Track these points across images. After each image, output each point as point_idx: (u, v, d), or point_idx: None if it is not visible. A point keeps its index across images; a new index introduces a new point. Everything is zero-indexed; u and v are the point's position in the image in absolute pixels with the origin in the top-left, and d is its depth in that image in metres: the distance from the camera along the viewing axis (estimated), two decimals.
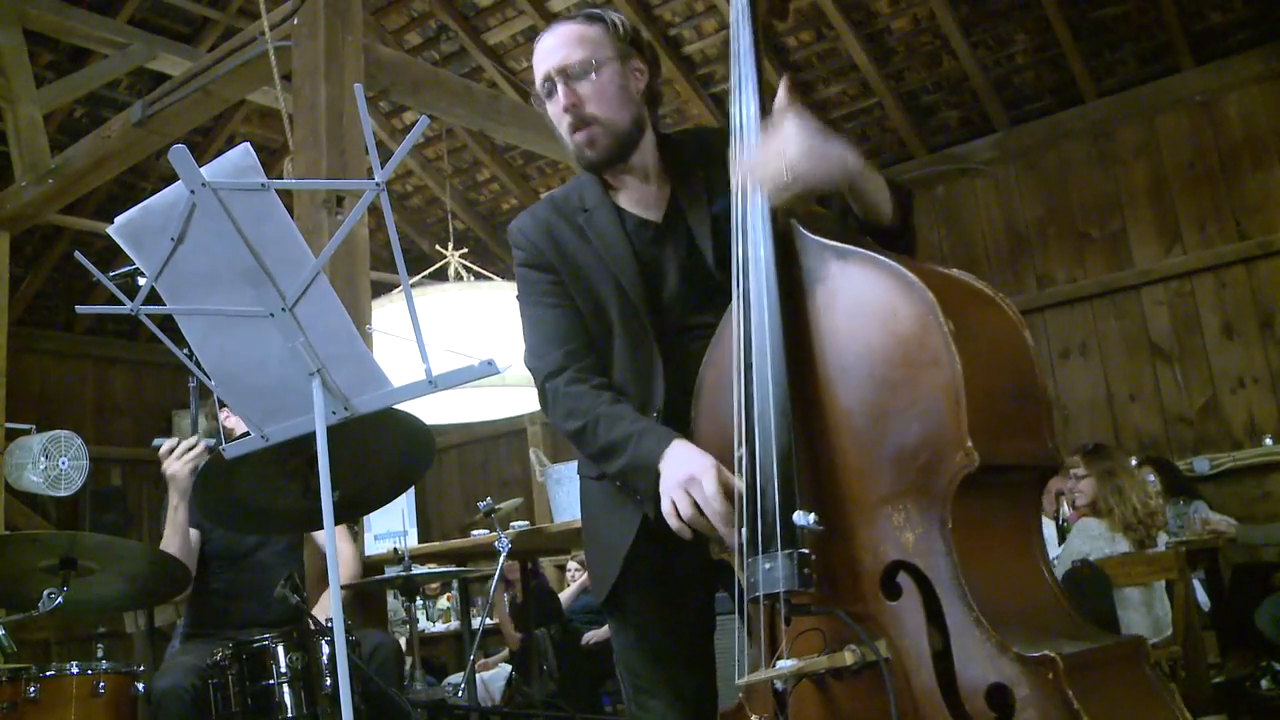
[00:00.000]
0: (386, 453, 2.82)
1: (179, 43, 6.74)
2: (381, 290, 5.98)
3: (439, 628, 7.70)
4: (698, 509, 1.62)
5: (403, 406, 2.52)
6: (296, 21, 4.16)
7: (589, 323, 1.91)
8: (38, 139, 5.88)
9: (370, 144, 1.56)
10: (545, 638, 5.66)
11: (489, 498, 4.10)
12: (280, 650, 2.82)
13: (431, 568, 4.21)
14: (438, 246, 6.15)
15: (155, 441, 3.24)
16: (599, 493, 1.95)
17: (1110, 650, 1.46)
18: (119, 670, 2.87)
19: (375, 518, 7.47)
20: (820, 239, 1.64)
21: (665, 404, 1.84)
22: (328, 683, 2.80)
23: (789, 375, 1.58)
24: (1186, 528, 5.00)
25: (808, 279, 1.63)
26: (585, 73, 1.88)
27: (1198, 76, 6.22)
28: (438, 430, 3.03)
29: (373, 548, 4.63)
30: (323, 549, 3.54)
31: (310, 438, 1.74)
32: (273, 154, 7.63)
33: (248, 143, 1.66)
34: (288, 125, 4.17)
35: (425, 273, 5.90)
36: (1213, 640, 4.95)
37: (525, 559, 5.21)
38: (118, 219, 1.69)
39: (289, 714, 2.77)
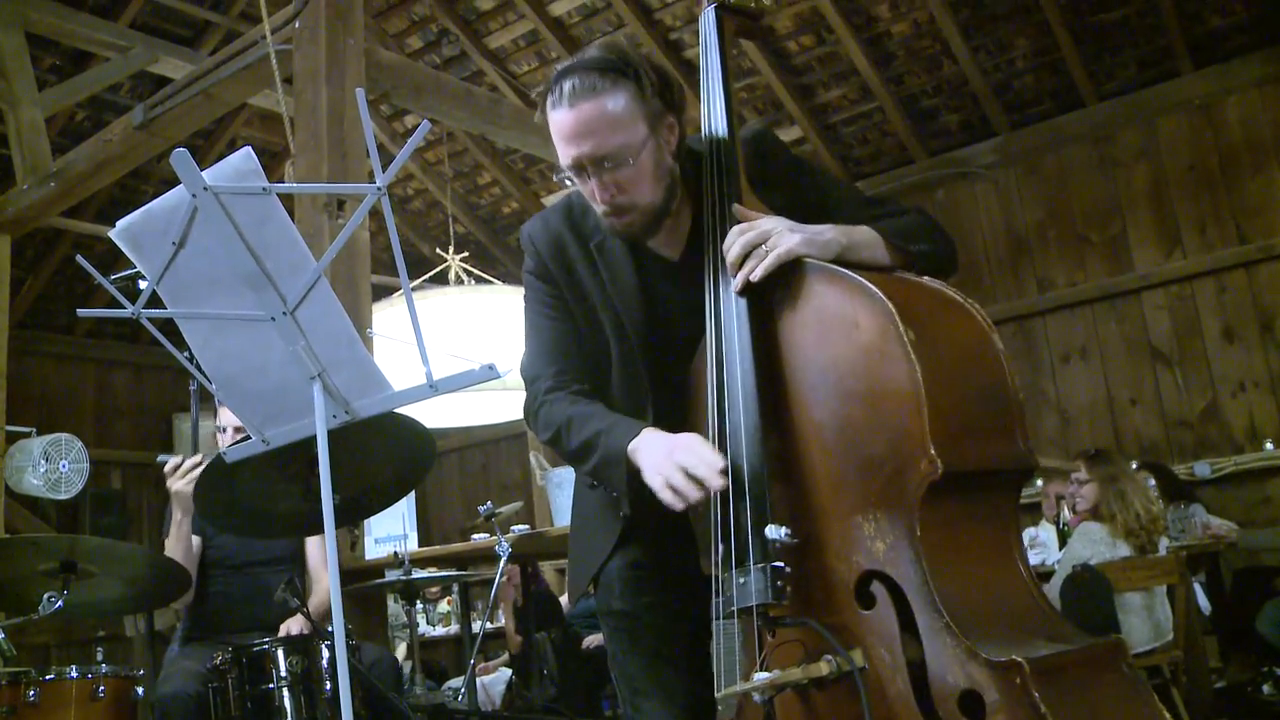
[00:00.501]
0: (387, 456, 2.82)
1: (180, 46, 6.76)
2: (382, 293, 5.99)
3: (439, 632, 7.70)
4: (685, 475, 1.60)
5: (403, 410, 2.52)
6: (298, 25, 4.17)
7: (586, 339, 1.89)
8: (39, 142, 5.88)
9: (371, 147, 1.56)
10: (545, 642, 5.65)
11: (489, 501, 4.10)
12: (280, 654, 2.82)
13: (432, 571, 4.20)
14: (438, 250, 6.16)
15: (160, 458, 3.24)
16: (593, 498, 1.96)
17: (1084, 652, 1.46)
18: (118, 674, 2.87)
19: (376, 521, 7.45)
20: None
21: None
22: (328, 687, 2.80)
23: (759, 390, 1.60)
24: (1187, 532, 4.99)
25: (776, 294, 1.65)
26: (621, 163, 1.72)
27: (1197, 80, 6.22)
28: (438, 433, 3.03)
29: (373, 551, 4.62)
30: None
31: (311, 441, 1.74)
32: (274, 157, 7.64)
33: (249, 146, 1.66)
34: (289, 128, 4.18)
35: (426, 276, 5.90)
36: (1214, 645, 4.95)
37: (526, 563, 5.20)
38: (119, 223, 1.69)
39: (289, 718, 2.77)
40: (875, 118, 7.01)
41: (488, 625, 5.45)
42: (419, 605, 4.71)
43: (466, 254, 6.04)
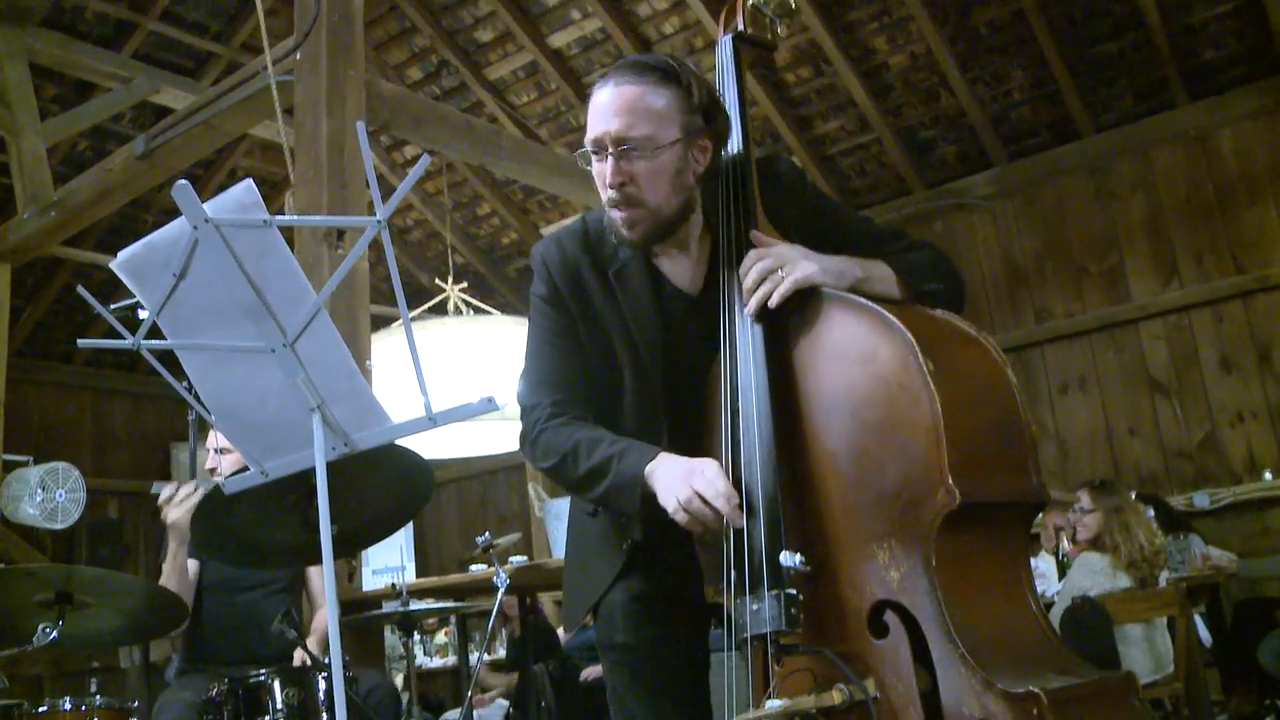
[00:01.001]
0: (385, 487, 2.81)
1: (182, 77, 6.80)
2: (381, 323, 5.99)
3: (436, 663, 7.65)
4: (702, 500, 1.59)
5: (401, 441, 2.52)
6: (299, 56, 4.20)
7: (595, 368, 1.86)
8: (41, 171, 5.91)
9: (372, 180, 1.57)
10: (543, 674, 5.61)
11: (487, 533, 4.08)
12: (277, 685, 2.80)
13: (429, 603, 4.18)
14: (437, 280, 6.16)
15: (155, 487, 3.22)
16: (593, 527, 1.94)
17: (1097, 685, 1.47)
18: (112, 706, 2.85)
19: (373, 552, 7.44)
20: None
21: None
22: (324, 719, 2.78)
23: (774, 418, 1.60)
24: (1187, 563, 4.98)
25: (792, 323, 1.65)
26: (642, 154, 1.71)
27: (1193, 112, 6.27)
28: (436, 464, 3.02)
29: (370, 582, 4.60)
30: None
31: (309, 472, 1.74)
32: (274, 187, 7.67)
33: (250, 179, 1.66)
34: (289, 159, 4.19)
35: (425, 306, 5.91)
36: (1215, 677, 4.92)
37: (524, 594, 5.17)
38: (120, 254, 1.70)
39: None
40: (873, 149, 7.05)
41: (485, 656, 5.41)
42: (416, 636, 4.68)
43: (465, 284, 6.05)
